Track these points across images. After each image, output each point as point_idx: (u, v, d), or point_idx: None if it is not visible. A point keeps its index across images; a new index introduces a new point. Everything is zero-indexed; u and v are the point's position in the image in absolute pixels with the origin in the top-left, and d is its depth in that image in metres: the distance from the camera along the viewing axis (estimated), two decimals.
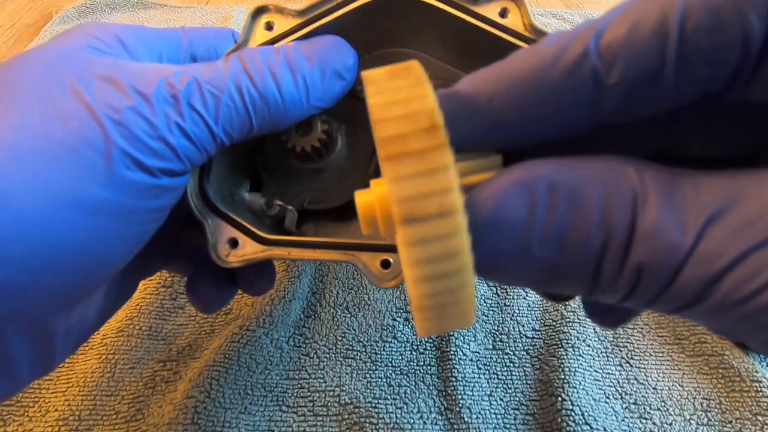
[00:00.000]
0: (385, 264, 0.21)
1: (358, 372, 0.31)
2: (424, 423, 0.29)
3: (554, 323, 0.32)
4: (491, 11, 0.22)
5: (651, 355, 0.31)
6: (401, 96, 0.11)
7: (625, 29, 0.11)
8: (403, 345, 0.32)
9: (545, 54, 0.12)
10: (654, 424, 0.29)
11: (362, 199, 0.13)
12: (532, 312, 0.33)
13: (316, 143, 0.24)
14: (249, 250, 0.22)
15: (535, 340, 0.32)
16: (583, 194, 0.11)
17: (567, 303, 0.33)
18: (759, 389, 0.29)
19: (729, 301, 0.10)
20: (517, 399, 0.30)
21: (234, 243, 0.22)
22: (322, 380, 0.30)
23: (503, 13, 0.22)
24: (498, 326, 0.33)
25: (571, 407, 0.28)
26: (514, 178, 0.12)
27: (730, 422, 0.28)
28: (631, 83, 0.11)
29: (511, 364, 0.31)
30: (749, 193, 0.10)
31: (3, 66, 0.18)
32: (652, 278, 0.11)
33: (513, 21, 0.22)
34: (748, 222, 0.10)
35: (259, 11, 0.23)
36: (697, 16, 0.11)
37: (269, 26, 0.23)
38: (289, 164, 0.26)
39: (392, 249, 0.21)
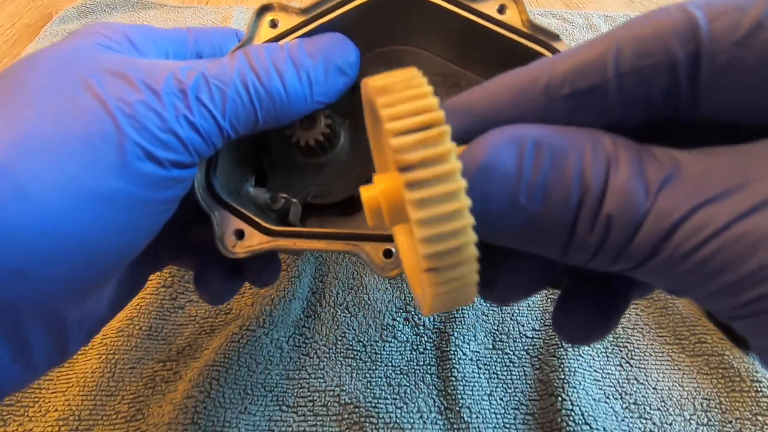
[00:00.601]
0: (388, 254, 0.22)
1: (358, 372, 0.31)
2: (424, 423, 0.29)
3: None
4: (490, 8, 0.23)
5: (651, 355, 0.31)
6: (407, 95, 0.13)
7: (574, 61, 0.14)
8: (403, 345, 0.32)
9: (529, 77, 0.14)
10: (654, 424, 0.29)
11: (367, 193, 0.14)
12: (532, 312, 0.33)
13: (320, 137, 0.25)
14: (255, 241, 0.22)
15: (535, 340, 0.32)
16: (565, 153, 0.13)
17: None
18: (759, 389, 0.29)
19: (678, 254, 0.11)
20: (517, 399, 0.30)
21: (240, 234, 0.23)
22: (322, 380, 0.30)
23: (501, 10, 0.23)
24: (498, 326, 0.33)
25: (571, 407, 0.28)
26: (504, 133, 0.13)
27: (730, 422, 0.28)
28: (577, 95, 0.13)
29: (511, 364, 0.31)
30: (699, 159, 0.12)
31: (16, 64, 0.19)
32: (618, 231, 0.12)
33: (511, 17, 0.23)
34: (696, 184, 0.11)
35: (264, 9, 0.24)
36: (629, 46, 0.13)
37: (273, 24, 0.24)
38: (293, 159, 0.27)
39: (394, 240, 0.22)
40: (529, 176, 0.13)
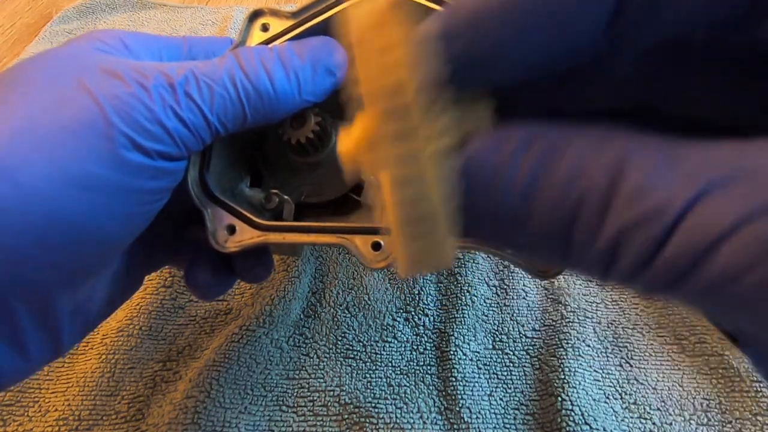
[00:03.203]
0: (376, 246, 0.22)
1: (358, 372, 0.31)
2: (424, 423, 0.29)
3: (554, 323, 0.32)
4: None
5: (651, 355, 0.31)
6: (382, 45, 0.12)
7: None
8: (403, 345, 0.32)
9: None
10: (654, 424, 0.29)
11: (344, 143, 0.14)
12: (532, 312, 0.33)
13: (311, 135, 0.25)
14: (246, 235, 0.23)
15: (535, 340, 0.32)
16: (562, 148, 0.11)
17: (567, 303, 0.33)
18: (759, 389, 0.29)
19: (724, 276, 0.09)
20: (517, 399, 0.30)
21: (232, 230, 0.23)
22: (322, 380, 0.30)
23: None
24: (498, 326, 0.33)
25: (571, 407, 0.28)
26: (493, 132, 0.12)
27: (730, 422, 0.28)
28: None
29: (511, 364, 0.31)
30: (759, 163, 0.09)
31: (16, 65, 0.20)
32: (634, 246, 0.10)
33: None
34: (752, 190, 0.09)
35: (256, 14, 0.25)
36: None
37: (265, 28, 0.25)
38: (287, 159, 0.27)
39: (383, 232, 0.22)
40: (514, 174, 0.11)
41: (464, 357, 0.31)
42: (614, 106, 0.14)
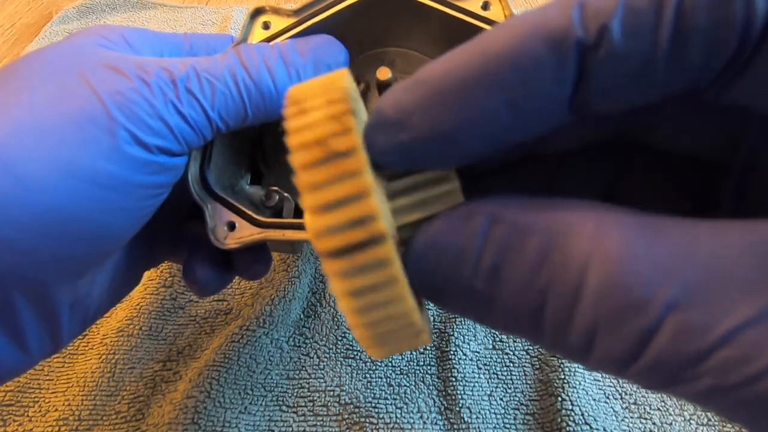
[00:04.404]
0: None
1: (358, 372, 0.31)
2: (424, 423, 0.29)
3: None
4: (474, 5, 0.24)
5: None
6: (317, 116, 0.11)
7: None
8: None
9: (524, 26, 0.10)
10: (654, 424, 0.29)
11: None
12: None
13: None
14: (246, 232, 0.23)
15: None
16: (528, 229, 0.10)
17: None
18: None
19: (724, 383, 0.08)
20: (517, 399, 0.30)
21: (232, 226, 0.23)
22: (322, 380, 0.30)
23: (485, 6, 0.24)
24: None
25: (571, 407, 0.28)
26: (458, 210, 0.11)
27: (730, 422, 0.28)
28: (619, 61, 0.10)
29: (511, 364, 0.31)
30: (735, 262, 0.09)
31: (18, 59, 0.20)
32: (610, 343, 0.09)
33: (495, 13, 0.24)
34: (731, 299, 0.08)
35: (257, 12, 0.25)
36: None
37: (266, 26, 0.25)
38: (287, 156, 0.27)
39: None
40: (479, 255, 0.11)
41: (464, 357, 0.31)
42: (588, 143, 0.14)
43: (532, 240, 0.10)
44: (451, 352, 0.31)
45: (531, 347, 0.32)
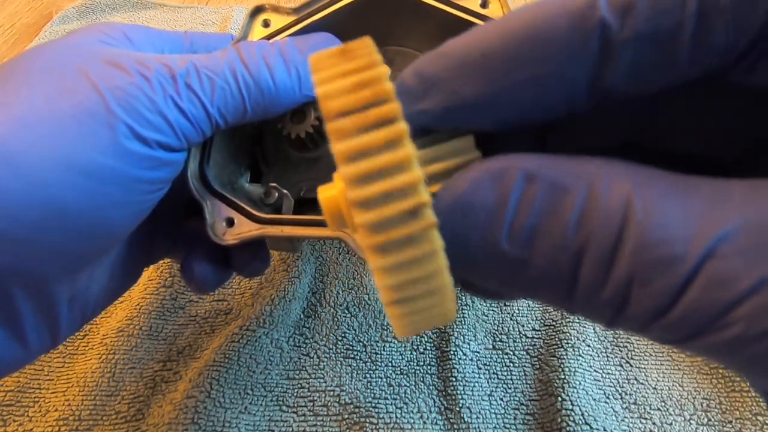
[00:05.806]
0: None
1: (358, 372, 0.31)
2: (424, 423, 0.29)
3: (554, 323, 0.32)
4: (473, 3, 0.24)
5: (651, 355, 0.31)
6: (352, 81, 0.10)
7: None
8: (403, 345, 0.32)
9: (548, 5, 0.10)
10: (654, 424, 0.29)
11: (325, 194, 0.12)
12: (532, 312, 0.33)
13: (310, 130, 0.26)
14: (245, 228, 0.23)
15: (535, 340, 0.32)
16: (565, 188, 0.10)
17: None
18: None
19: (747, 334, 0.08)
20: (517, 399, 0.30)
21: (230, 222, 0.23)
22: (322, 380, 0.30)
23: (484, 4, 0.24)
24: (498, 326, 0.33)
25: (571, 407, 0.28)
26: (488, 167, 0.11)
27: (730, 422, 0.28)
28: (644, 42, 0.10)
29: (511, 364, 0.31)
30: None
31: (19, 55, 0.20)
32: (644, 297, 0.09)
33: (493, 11, 0.24)
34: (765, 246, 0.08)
35: (257, 10, 0.25)
36: None
37: (266, 24, 0.25)
38: (286, 154, 0.28)
39: None
40: (513, 215, 0.10)
41: (464, 357, 0.31)
42: (605, 143, 0.14)
43: (570, 199, 0.10)
44: (451, 352, 0.31)
45: (531, 347, 0.32)
